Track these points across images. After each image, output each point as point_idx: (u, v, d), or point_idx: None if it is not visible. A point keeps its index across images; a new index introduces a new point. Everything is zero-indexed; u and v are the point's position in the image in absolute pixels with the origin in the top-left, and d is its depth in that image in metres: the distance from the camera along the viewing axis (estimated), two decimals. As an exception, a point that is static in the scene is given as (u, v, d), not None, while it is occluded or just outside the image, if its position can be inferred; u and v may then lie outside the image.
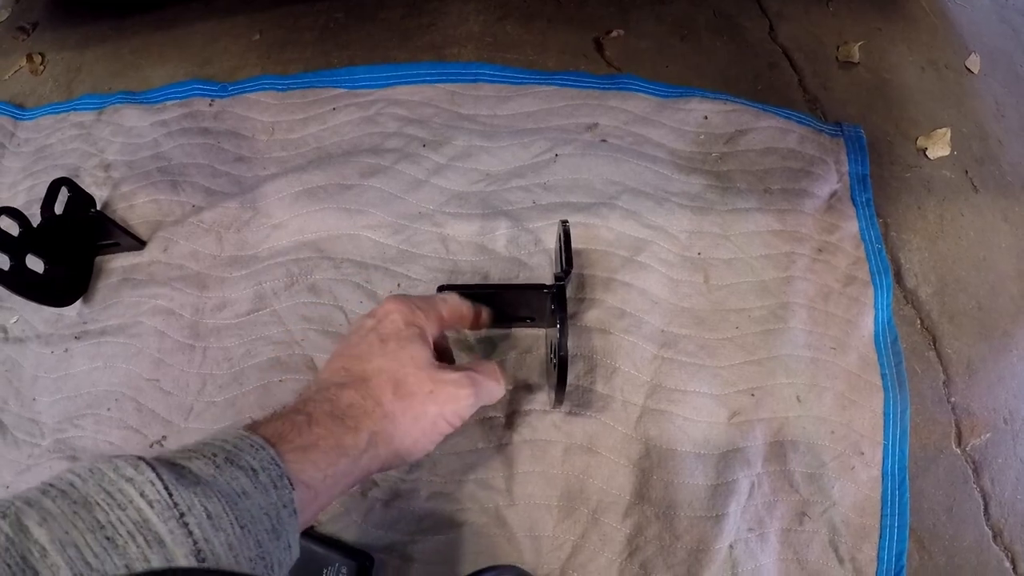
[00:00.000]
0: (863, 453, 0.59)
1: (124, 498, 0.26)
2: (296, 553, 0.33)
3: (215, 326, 0.65)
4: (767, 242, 0.65)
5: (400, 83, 0.75)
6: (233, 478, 0.30)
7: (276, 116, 0.76)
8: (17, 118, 0.87)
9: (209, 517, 0.27)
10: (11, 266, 0.62)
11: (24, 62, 0.93)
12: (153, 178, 0.74)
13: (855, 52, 0.80)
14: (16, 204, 0.75)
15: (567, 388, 0.51)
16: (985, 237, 0.72)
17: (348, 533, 0.56)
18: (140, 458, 0.28)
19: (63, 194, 0.68)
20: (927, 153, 0.75)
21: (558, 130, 0.70)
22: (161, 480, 0.27)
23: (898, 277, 0.69)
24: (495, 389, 0.46)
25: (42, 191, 0.66)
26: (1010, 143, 0.80)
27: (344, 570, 0.51)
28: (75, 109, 0.84)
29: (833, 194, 0.69)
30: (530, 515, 0.55)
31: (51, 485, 0.26)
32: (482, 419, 0.58)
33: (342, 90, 0.75)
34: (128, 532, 0.25)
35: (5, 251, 0.61)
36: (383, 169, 0.68)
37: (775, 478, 0.58)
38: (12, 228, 0.63)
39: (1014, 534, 0.62)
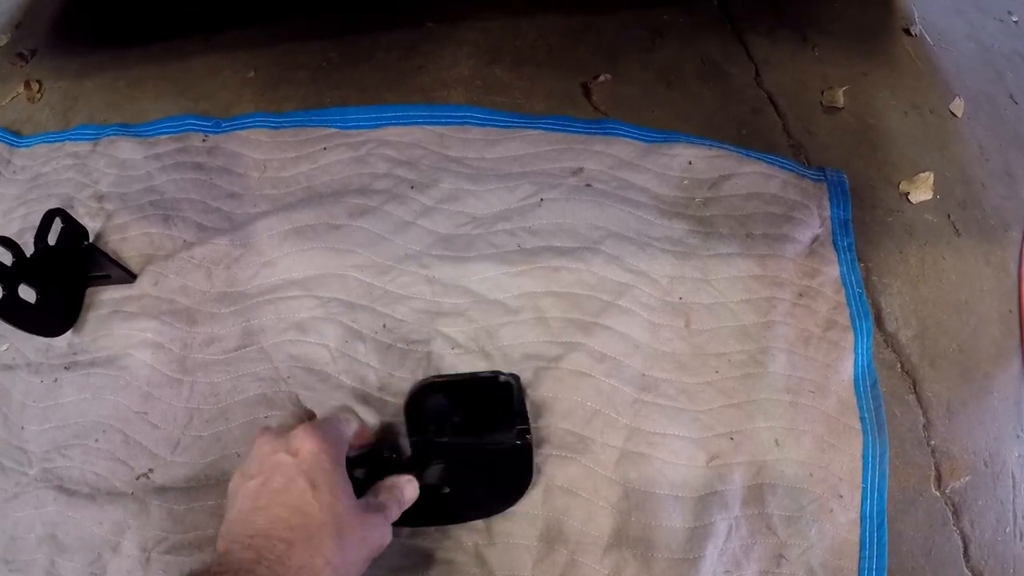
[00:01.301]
0: (842, 496, 0.61)
1: None
2: None
3: (203, 361, 0.67)
4: (748, 287, 0.67)
5: (390, 124, 0.77)
6: None
7: (268, 154, 0.78)
8: (13, 145, 0.89)
9: None
10: (3, 295, 0.64)
11: (22, 89, 0.96)
12: (146, 211, 0.76)
13: (839, 97, 0.83)
14: (10, 232, 0.77)
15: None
16: (967, 280, 0.74)
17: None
18: None
19: (57, 224, 0.70)
20: (909, 197, 0.78)
21: (544, 174, 0.73)
22: None
23: (879, 321, 0.71)
24: (407, 499, 0.51)
25: (36, 219, 0.68)
26: (993, 186, 0.82)
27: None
28: (71, 139, 0.86)
29: (815, 239, 0.72)
30: (509, 554, 0.57)
31: None
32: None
33: (333, 130, 0.78)
34: None
35: (-1, 280, 0.64)
36: (371, 210, 0.71)
37: (753, 521, 0.60)
38: (6, 257, 0.65)
39: None
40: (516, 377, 0.54)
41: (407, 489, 0.51)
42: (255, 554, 0.39)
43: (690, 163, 0.74)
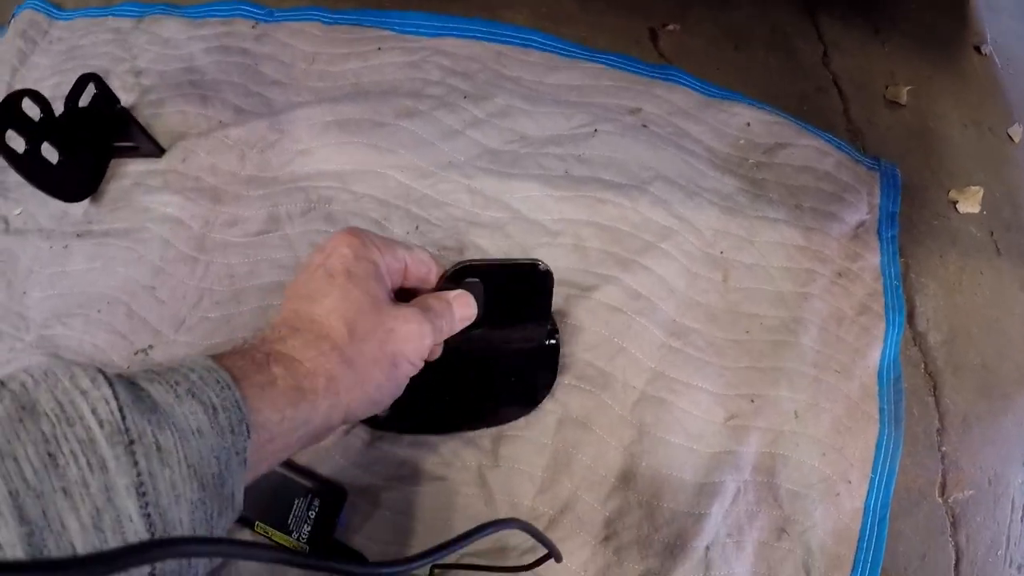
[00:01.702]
0: (850, 482, 0.59)
1: (74, 412, 0.24)
2: (239, 505, 0.31)
3: (222, 241, 0.64)
4: (790, 255, 0.65)
5: (450, 35, 0.75)
6: (191, 412, 0.28)
7: (319, 47, 0.75)
8: (53, 17, 0.86)
9: (158, 449, 0.25)
10: (25, 150, 0.61)
11: (70, -37, 0.93)
12: (184, 90, 0.74)
13: (903, 94, 0.81)
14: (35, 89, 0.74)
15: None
16: (1000, 300, 0.73)
17: (324, 467, 0.55)
18: (99, 371, 0.26)
19: (90, 90, 0.67)
20: (957, 207, 0.76)
21: (601, 107, 0.70)
22: (116, 399, 0.25)
23: (910, 318, 0.69)
24: (454, 319, 0.44)
25: (67, 89, 0.65)
26: (1040, 217, 0.81)
27: (316, 502, 0.50)
28: (113, 15, 0.83)
29: (861, 224, 0.70)
30: (511, 480, 0.55)
31: (2, 383, 0.25)
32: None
33: (390, 32, 0.75)
34: (71, 451, 0.23)
35: (22, 134, 0.60)
36: (420, 113, 0.68)
37: (761, 488, 0.58)
38: (34, 113, 0.62)
39: None
40: (551, 271, 0.48)
41: (459, 302, 0.44)
42: (260, 341, 0.36)
43: (748, 124, 0.71)
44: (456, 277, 0.45)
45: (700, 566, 0.54)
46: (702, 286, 0.62)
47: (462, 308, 0.45)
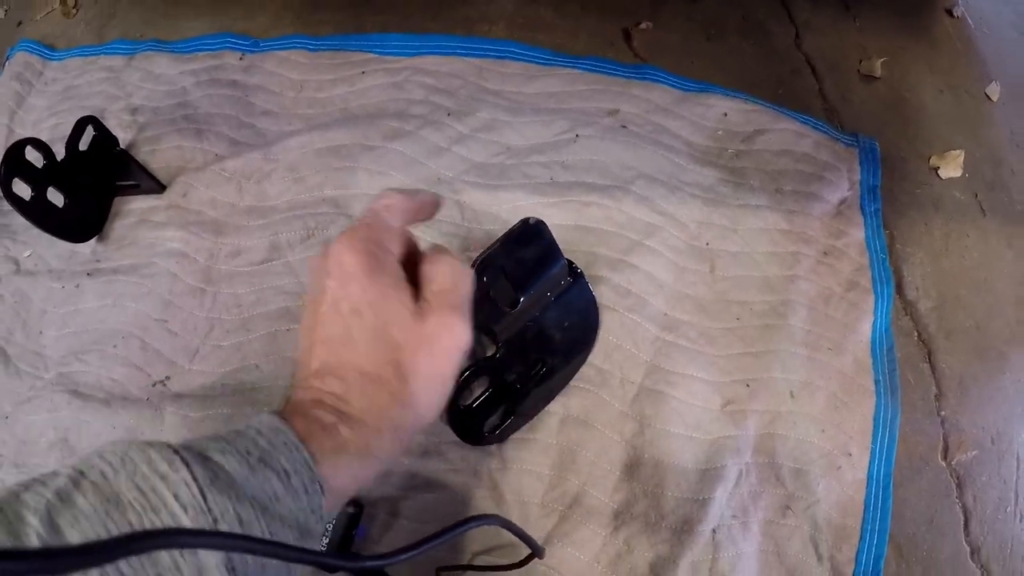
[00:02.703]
0: (850, 455, 0.60)
1: (158, 499, 0.25)
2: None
3: (228, 272, 0.66)
4: (774, 240, 0.66)
5: (430, 53, 0.75)
6: (266, 480, 0.28)
7: (305, 75, 0.76)
8: (47, 58, 0.87)
9: (240, 524, 0.26)
10: (32, 197, 0.63)
11: (57, 4, 0.94)
12: (178, 125, 0.75)
13: (877, 67, 0.81)
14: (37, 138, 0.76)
15: None
16: (988, 260, 0.73)
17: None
18: (174, 451, 0.26)
19: (89, 132, 0.69)
20: (939, 172, 0.76)
21: (580, 112, 0.71)
22: (196, 482, 0.26)
23: (899, 288, 0.70)
24: (462, 284, 0.40)
25: (66, 130, 0.67)
26: (1023, 172, 0.81)
27: (333, 515, 0.52)
28: (105, 53, 0.85)
29: (843, 201, 0.70)
30: (521, 480, 0.56)
31: (82, 474, 0.25)
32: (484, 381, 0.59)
33: (372, 55, 0.76)
34: None
35: (28, 182, 0.62)
36: (407, 133, 0.69)
37: (763, 469, 0.59)
38: (37, 160, 0.64)
39: (991, 553, 0.63)
40: (541, 220, 0.51)
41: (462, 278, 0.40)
42: (315, 399, 0.34)
43: (725, 115, 0.72)
44: (478, 277, 0.47)
45: (708, 548, 0.55)
46: (690, 278, 0.63)
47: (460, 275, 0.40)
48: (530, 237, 0.51)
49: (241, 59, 0.79)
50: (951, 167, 0.77)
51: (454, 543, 0.55)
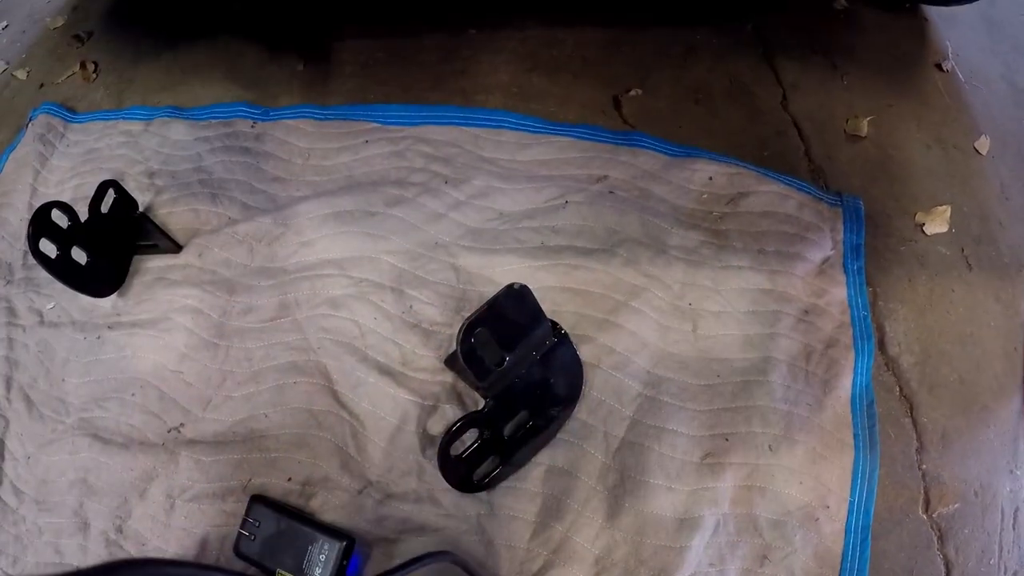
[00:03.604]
0: (828, 507, 0.67)
1: None
2: None
3: (239, 328, 0.76)
4: (756, 299, 0.74)
5: (429, 123, 0.86)
6: None
7: (313, 143, 0.88)
8: (68, 120, 0.99)
9: None
10: (57, 255, 0.73)
11: (77, 68, 1.07)
12: (194, 189, 0.86)
13: (863, 126, 0.90)
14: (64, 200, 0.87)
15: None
16: (974, 314, 0.79)
17: (343, 523, 0.66)
18: None
19: (110, 195, 0.79)
20: (924, 229, 0.83)
21: (570, 178, 0.81)
22: None
23: (881, 344, 0.76)
24: None
25: (88, 190, 0.78)
26: (1012, 226, 0.87)
27: (326, 547, 0.61)
28: (124, 118, 0.96)
29: (826, 260, 0.78)
30: (508, 526, 0.64)
31: None
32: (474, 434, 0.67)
33: (376, 124, 0.87)
34: None
35: (54, 241, 0.73)
36: (406, 200, 0.79)
37: (740, 520, 0.66)
38: (62, 220, 0.74)
39: None
40: (525, 286, 0.61)
41: None
42: None
43: (711, 179, 0.81)
44: (465, 338, 0.56)
45: (685, 595, 0.63)
46: (673, 337, 0.72)
47: None
48: (515, 301, 0.60)
49: (253, 127, 0.90)
50: (937, 223, 0.84)
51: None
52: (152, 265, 0.83)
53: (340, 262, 0.77)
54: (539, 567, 0.64)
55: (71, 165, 0.94)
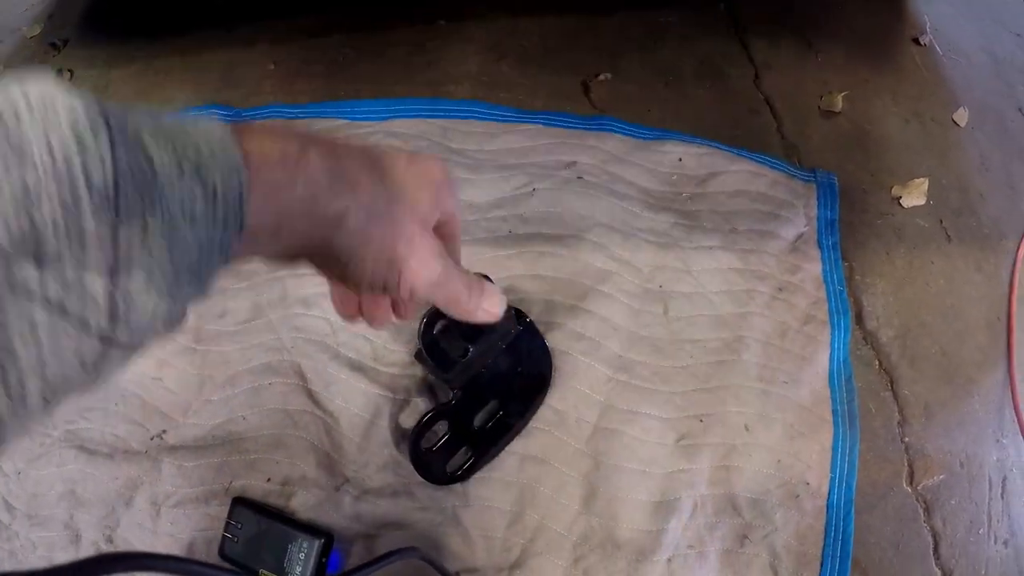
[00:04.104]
0: (808, 484, 0.67)
1: (66, 170, 0.22)
2: (207, 292, 0.30)
3: (216, 332, 0.76)
4: (728, 279, 0.74)
5: (398, 117, 0.86)
6: (191, 193, 0.26)
7: (283, 142, 0.88)
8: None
9: (144, 231, 0.24)
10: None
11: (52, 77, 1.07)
12: (168, 193, 0.87)
13: (838, 101, 0.89)
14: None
15: None
16: (955, 286, 0.79)
17: (322, 521, 0.66)
18: (105, 121, 0.23)
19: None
20: (901, 202, 0.83)
21: (538, 166, 0.81)
22: (115, 168, 0.23)
23: (859, 319, 0.76)
24: (465, 302, 0.43)
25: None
26: (992, 197, 0.87)
27: (305, 545, 0.61)
28: (101, 125, 0.97)
29: (799, 236, 0.78)
30: (483, 516, 0.65)
31: None
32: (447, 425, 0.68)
33: (344, 120, 0.87)
34: (52, 216, 0.22)
35: (31, 254, 0.74)
36: (376, 196, 0.79)
37: (719, 501, 0.66)
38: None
39: (965, 575, 0.69)
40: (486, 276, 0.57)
41: (490, 295, 0.45)
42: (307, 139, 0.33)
43: (680, 160, 0.81)
44: (426, 331, 0.58)
45: (664, 577, 0.63)
46: (644, 320, 0.72)
47: (490, 300, 0.45)
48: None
49: (225, 128, 0.91)
50: (914, 195, 0.84)
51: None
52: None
53: (312, 261, 0.77)
54: (517, 556, 0.64)
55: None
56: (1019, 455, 0.75)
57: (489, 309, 0.45)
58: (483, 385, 0.64)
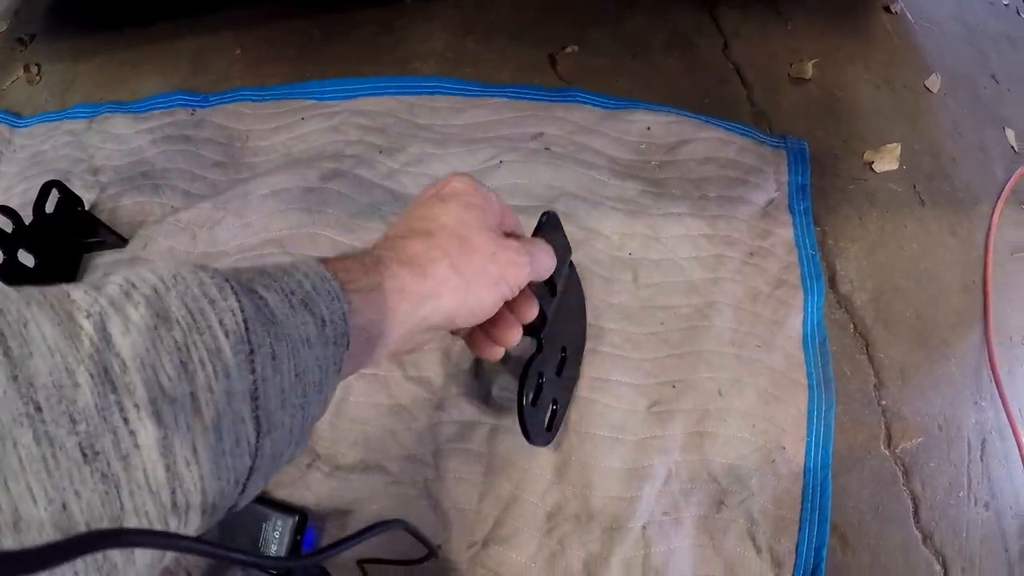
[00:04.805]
0: (784, 448, 0.67)
1: (204, 321, 0.27)
2: (327, 407, 0.35)
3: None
4: (697, 245, 0.73)
5: (364, 95, 0.86)
6: (303, 323, 0.31)
7: (251, 125, 0.87)
8: (14, 126, 0.99)
9: (273, 359, 0.29)
10: (4, 260, 0.73)
11: (22, 72, 1.06)
12: (137, 182, 0.86)
13: (808, 69, 0.89)
14: (12, 206, 0.87)
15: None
16: (929, 250, 0.79)
17: (295, 500, 0.66)
18: (225, 279, 0.29)
19: (54, 195, 0.79)
20: (873, 167, 0.83)
21: (505, 139, 0.80)
22: (242, 311, 0.28)
23: (832, 283, 0.76)
24: (547, 263, 0.50)
25: (36, 194, 0.77)
26: (965, 162, 0.86)
27: (279, 524, 0.61)
28: (67, 117, 0.96)
29: (770, 202, 0.78)
30: (456, 488, 0.64)
31: (133, 286, 0.27)
32: (417, 399, 0.67)
33: (312, 101, 0.87)
34: (200, 359, 0.26)
35: (-1, 246, 0.73)
36: (342, 173, 0.79)
37: (693, 466, 0.65)
38: (6, 225, 0.74)
39: (945, 538, 0.67)
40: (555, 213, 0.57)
41: (544, 256, 0.50)
42: (372, 247, 0.41)
43: (648, 128, 0.81)
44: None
45: (639, 545, 0.62)
46: (614, 288, 0.71)
47: (548, 255, 0.51)
48: (555, 226, 0.57)
49: (192, 114, 0.90)
50: (887, 160, 0.83)
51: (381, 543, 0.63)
52: (101, 261, 0.83)
53: (280, 240, 0.76)
54: (490, 528, 0.63)
55: (19, 170, 0.94)
56: (998, 418, 0.74)
57: (549, 267, 0.52)
58: (554, 330, 0.59)
